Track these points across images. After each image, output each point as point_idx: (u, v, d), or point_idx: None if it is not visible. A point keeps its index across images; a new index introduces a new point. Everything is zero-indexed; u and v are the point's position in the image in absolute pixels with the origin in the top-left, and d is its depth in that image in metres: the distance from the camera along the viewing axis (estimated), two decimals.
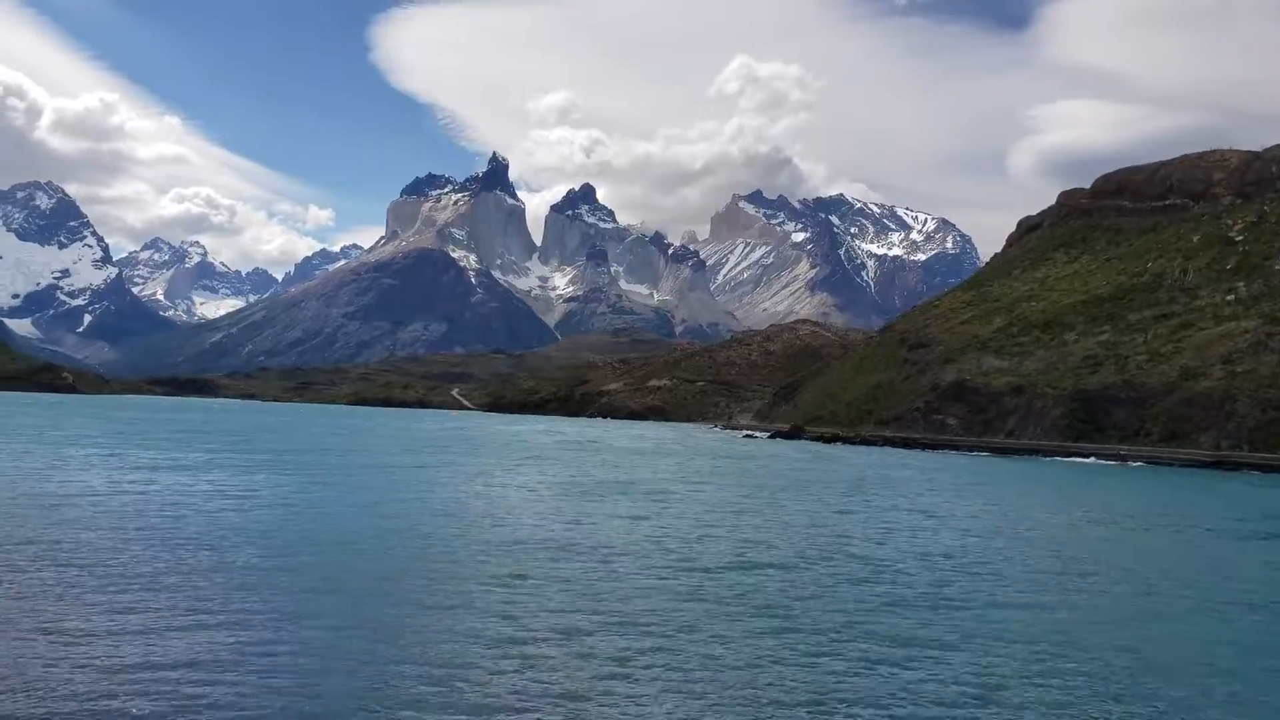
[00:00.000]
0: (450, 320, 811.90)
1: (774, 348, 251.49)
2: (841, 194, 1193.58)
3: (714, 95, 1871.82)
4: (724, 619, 17.39)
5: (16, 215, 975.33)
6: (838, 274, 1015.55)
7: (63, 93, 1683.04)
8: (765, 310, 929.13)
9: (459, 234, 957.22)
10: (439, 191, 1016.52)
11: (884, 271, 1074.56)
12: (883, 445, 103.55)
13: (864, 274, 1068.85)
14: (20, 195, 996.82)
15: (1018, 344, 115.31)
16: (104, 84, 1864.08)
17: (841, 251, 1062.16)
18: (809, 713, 12.62)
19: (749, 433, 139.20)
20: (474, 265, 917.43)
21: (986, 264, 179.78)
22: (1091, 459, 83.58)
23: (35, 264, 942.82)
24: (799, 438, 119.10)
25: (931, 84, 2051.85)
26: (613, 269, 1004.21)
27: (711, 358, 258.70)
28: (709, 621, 17.09)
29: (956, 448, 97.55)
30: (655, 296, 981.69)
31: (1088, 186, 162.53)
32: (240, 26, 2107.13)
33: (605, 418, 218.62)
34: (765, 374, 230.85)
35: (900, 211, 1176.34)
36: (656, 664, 14.45)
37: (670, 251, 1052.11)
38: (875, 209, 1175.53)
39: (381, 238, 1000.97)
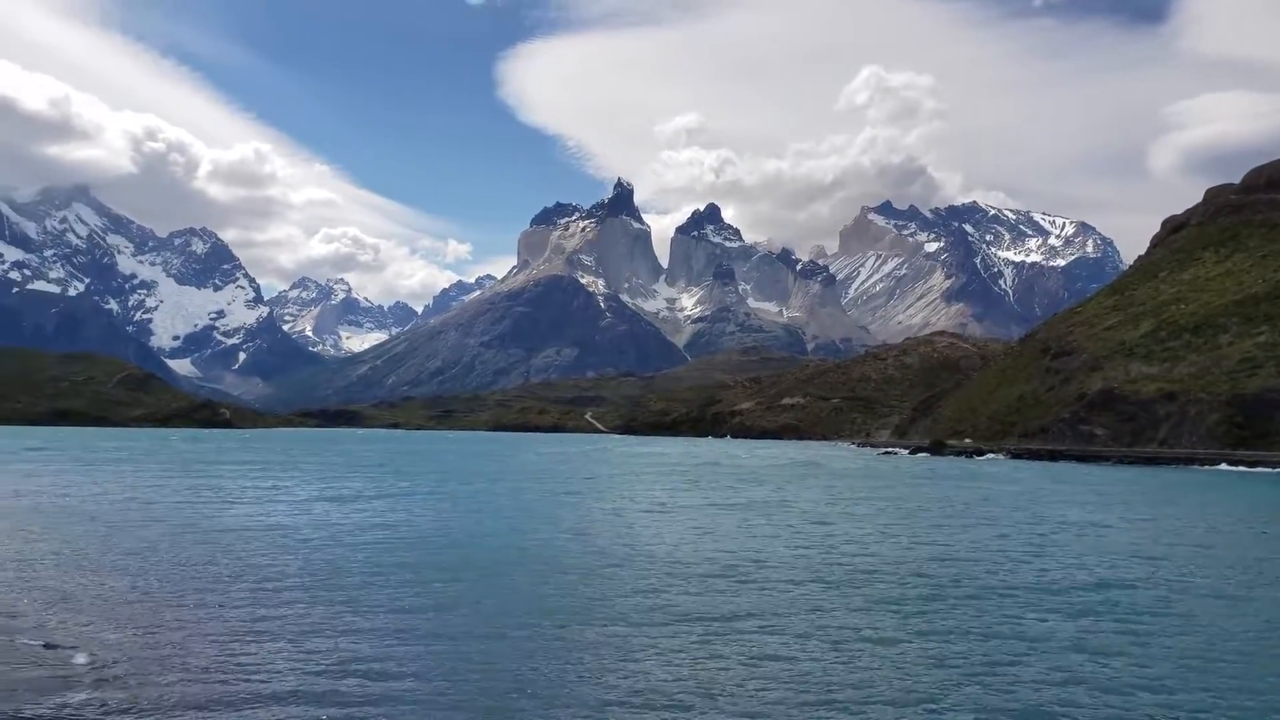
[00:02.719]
0: (581, 345, 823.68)
1: (910, 361, 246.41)
2: (975, 201, 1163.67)
3: (843, 108, 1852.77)
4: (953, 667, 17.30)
5: (175, 261, 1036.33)
6: (974, 283, 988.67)
7: (218, 144, 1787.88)
8: (900, 323, 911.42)
9: (587, 260, 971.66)
10: (567, 219, 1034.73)
11: (1022, 279, 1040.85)
12: (1029, 458, 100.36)
13: (1001, 282, 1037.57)
14: (178, 242, 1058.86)
15: (1168, 348, 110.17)
16: (256, 135, 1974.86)
17: (977, 260, 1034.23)
18: None
19: (888, 449, 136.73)
20: (602, 290, 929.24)
21: (1131, 267, 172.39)
22: (1261, 467, 79.14)
23: (193, 306, 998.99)
24: (940, 453, 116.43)
25: (1066, 85, 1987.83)
26: (740, 288, 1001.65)
27: (845, 373, 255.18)
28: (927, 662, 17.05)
29: (1106, 458, 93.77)
30: (785, 313, 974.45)
31: (1236, 181, 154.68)
32: (377, 75, 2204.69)
33: (738, 437, 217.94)
34: (902, 389, 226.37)
35: (1037, 216, 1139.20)
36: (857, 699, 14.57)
37: (799, 267, 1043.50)
38: (1010, 215, 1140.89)
39: (513, 267, 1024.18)
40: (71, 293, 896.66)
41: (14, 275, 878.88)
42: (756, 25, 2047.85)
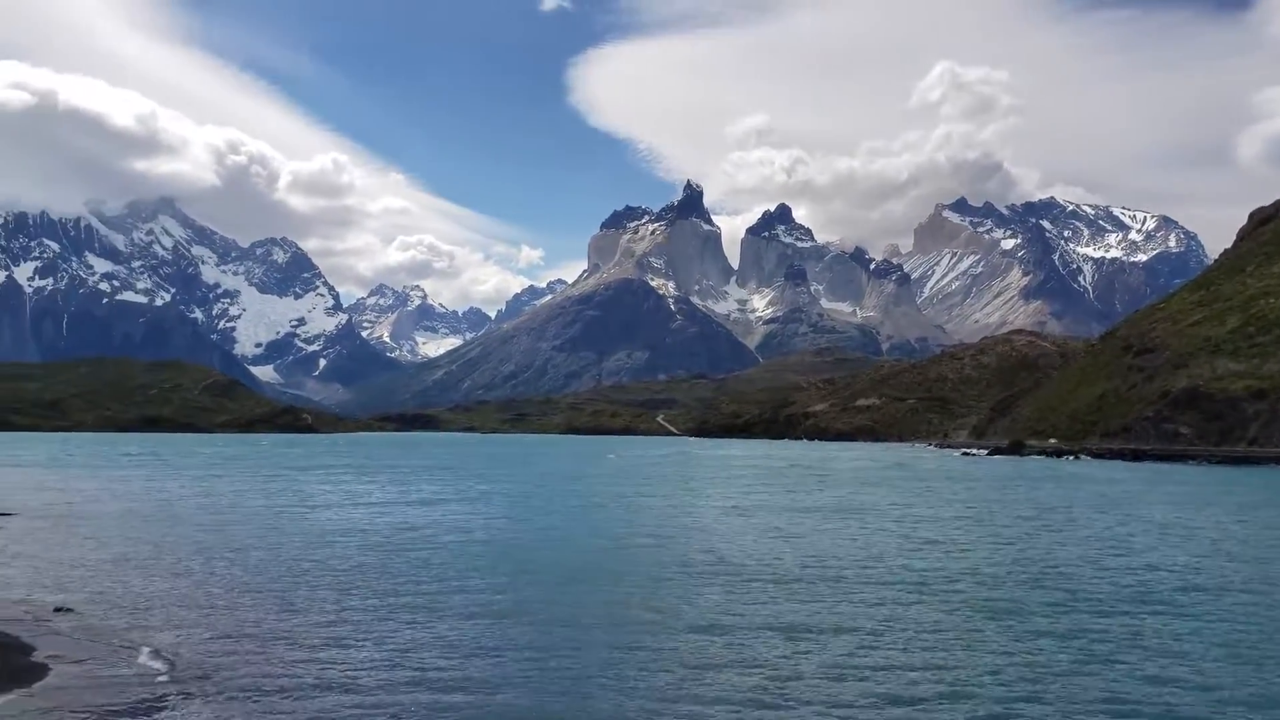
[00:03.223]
0: (652, 348, 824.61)
1: (988, 360, 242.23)
2: (1052, 197, 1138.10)
3: (916, 105, 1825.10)
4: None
5: (257, 270, 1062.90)
6: (1052, 280, 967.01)
7: (298, 156, 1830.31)
8: (976, 322, 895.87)
9: (657, 263, 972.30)
10: (636, 223, 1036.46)
11: (1102, 275, 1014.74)
12: (1111, 458, 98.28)
13: (1080, 279, 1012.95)
14: (259, 251, 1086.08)
15: (1256, 345, 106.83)
16: (334, 146, 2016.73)
17: (1055, 257, 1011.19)
18: None
19: (966, 450, 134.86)
20: (673, 292, 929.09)
21: (1216, 261, 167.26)
22: None
23: (274, 314, 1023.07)
24: (1020, 453, 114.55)
25: (1146, 75, 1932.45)
26: (813, 288, 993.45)
27: (921, 374, 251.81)
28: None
29: (1192, 458, 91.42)
30: (858, 313, 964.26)
31: None
32: (450, 85, 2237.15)
33: (812, 439, 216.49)
34: (980, 388, 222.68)
35: (1117, 211, 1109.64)
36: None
37: (872, 267, 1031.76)
38: (1089, 210, 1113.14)
39: (584, 271, 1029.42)
40: (158, 303, 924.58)
41: (104, 286, 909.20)
42: (827, 23, 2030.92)
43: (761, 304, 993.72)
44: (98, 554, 27.65)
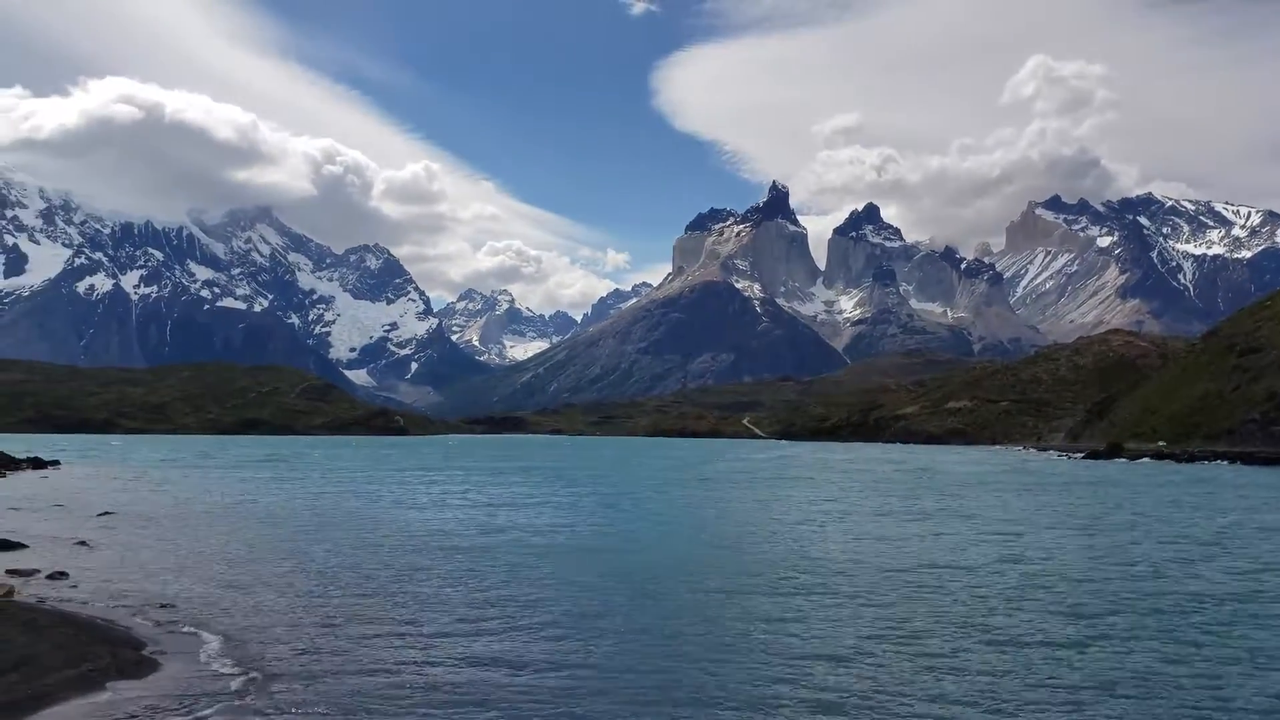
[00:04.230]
0: (738, 350, 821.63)
1: (1084, 361, 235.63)
2: (1150, 193, 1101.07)
3: (1008, 101, 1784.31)
4: None
5: (351, 276, 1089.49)
6: (1151, 278, 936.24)
7: (391, 165, 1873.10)
8: (1072, 322, 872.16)
9: (742, 264, 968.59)
10: (721, 224, 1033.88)
11: (1204, 273, 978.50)
12: (1215, 461, 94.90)
13: (1181, 277, 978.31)
14: (353, 258, 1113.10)
15: None
16: (426, 154, 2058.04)
17: (1154, 254, 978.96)
18: None
19: (1061, 453, 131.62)
20: (758, 294, 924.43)
21: None
22: None
23: (368, 319, 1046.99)
24: (1119, 457, 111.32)
25: (1249, 67, 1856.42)
26: (902, 288, 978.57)
27: (1015, 375, 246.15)
28: None
29: None
30: (949, 314, 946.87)
31: None
32: (537, 92, 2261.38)
33: (901, 442, 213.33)
34: (1075, 390, 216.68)
35: (1219, 207, 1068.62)
36: None
37: (963, 266, 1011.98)
38: (1190, 206, 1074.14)
39: (669, 274, 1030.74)
40: (257, 309, 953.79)
41: (205, 294, 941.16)
42: (915, 20, 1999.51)
43: (849, 305, 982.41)
44: (200, 552, 28.85)
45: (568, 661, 16.07)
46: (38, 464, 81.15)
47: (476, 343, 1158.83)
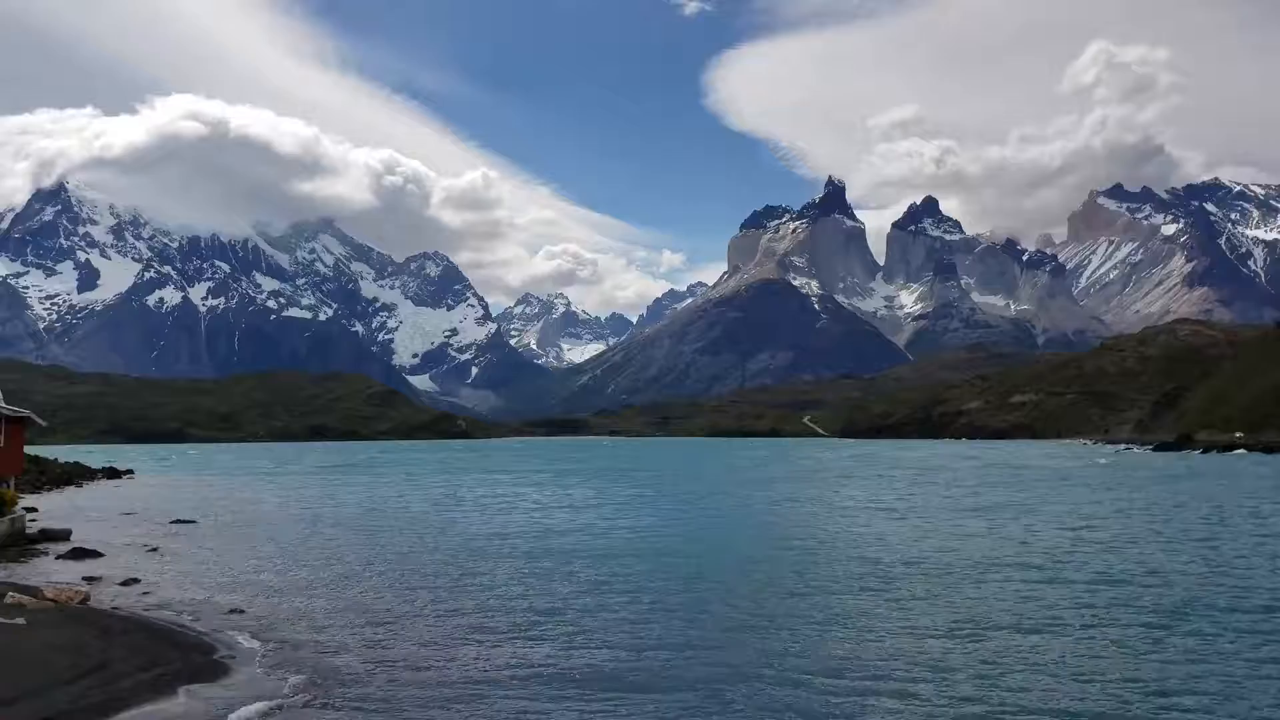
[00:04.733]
0: (796, 348, 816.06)
1: (1151, 352, 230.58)
2: (1216, 178, 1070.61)
3: (1068, 89, 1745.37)
4: None
5: (411, 284, 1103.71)
6: (1219, 266, 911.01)
7: (449, 173, 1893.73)
8: (1137, 312, 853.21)
9: (799, 261, 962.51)
10: (776, 222, 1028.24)
11: (1275, 259, 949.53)
12: None
13: (1251, 263, 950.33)
14: (413, 266, 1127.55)
15: None
16: (483, 161, 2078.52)
17: (1221, 241, 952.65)
18: None
19: (1128, 445, 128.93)
20: (816, 291, 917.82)
21: None
22: None
23: (429, 325, 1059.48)
24: (1191, 448, 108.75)
25: None
26: (963, 282, 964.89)
27: (1079, 367, 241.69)
28: None
29: None
30: (1012, 307, 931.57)
31: None
32: (590, 95, 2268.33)
33: (966, 438, 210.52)
34: (1143, 381, 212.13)
35: None
36: None
37: (1025, 258, 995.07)
38: (1259, 190, 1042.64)
39: (724, 273, 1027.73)
40: (322, 317, 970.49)
41: (271, 304, 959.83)
42: (972, 9, 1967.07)
43: (909, 300, 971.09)
44: (268, 557, 29.56)
45: (637, 664, 16.25)
46: (112, 473, 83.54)
47: (534, 346, 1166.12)
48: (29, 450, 66.08)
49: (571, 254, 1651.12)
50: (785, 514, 42.87)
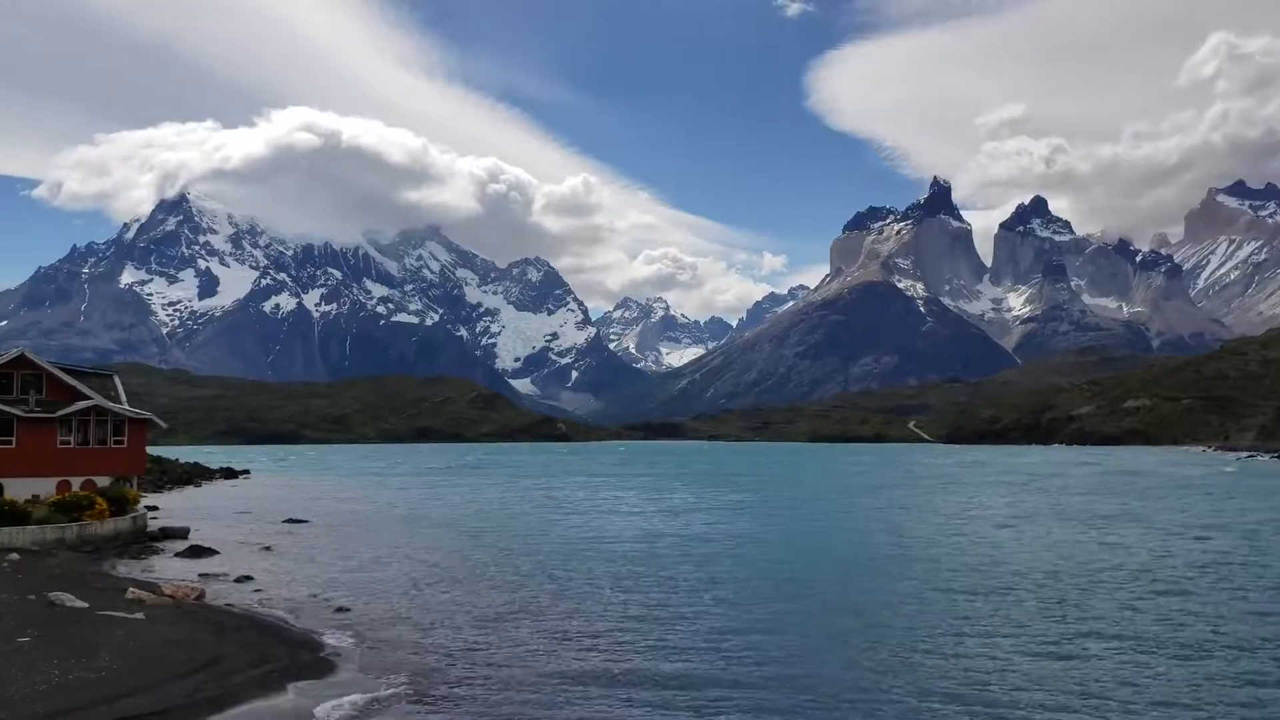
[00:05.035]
0: (901, 352, 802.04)
1: (1275, 355, 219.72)
2: None
3: (1186, 83, 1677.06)
4: None
5: (514, 289, 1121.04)
6: None
7: (550, 180, 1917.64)
8: (1260, 314, 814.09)
9: (903, 263, 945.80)
10: (880, 223, 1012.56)
11: None
12: None
13: None
14: (515, 271, 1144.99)
15: None
16: (584, 168, 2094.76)
17: None
18: None
19: (1250, 453, 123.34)
20: (921, 293, 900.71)
21: None
22: None
23: (530, 330, 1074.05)
24: None
25: None
26: (1073, 283, 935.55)
27: (1197, 371, 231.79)
28: None
29: None
30: (1125, 309, 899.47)
31: None
32: (690, 99, 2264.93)
33: (1077, 444, 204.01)
34: (1266, 386, 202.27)
35: None
36: None
37: (1139, 259, 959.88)
38: None
39: (826, 276, 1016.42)
40: (428, 322, 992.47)
41: (380, 309, 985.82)
42: (1082, 3, 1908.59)
43: (1018, 302, 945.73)
44: (376, 557, 30.45)
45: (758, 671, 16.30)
46: (229, 474, 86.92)
47: (633, 350, 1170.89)
48: (151, 450, 69.27)
49: (671, 258, 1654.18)
50: (894, 521, 42.27)
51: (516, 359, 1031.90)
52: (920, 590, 23.47)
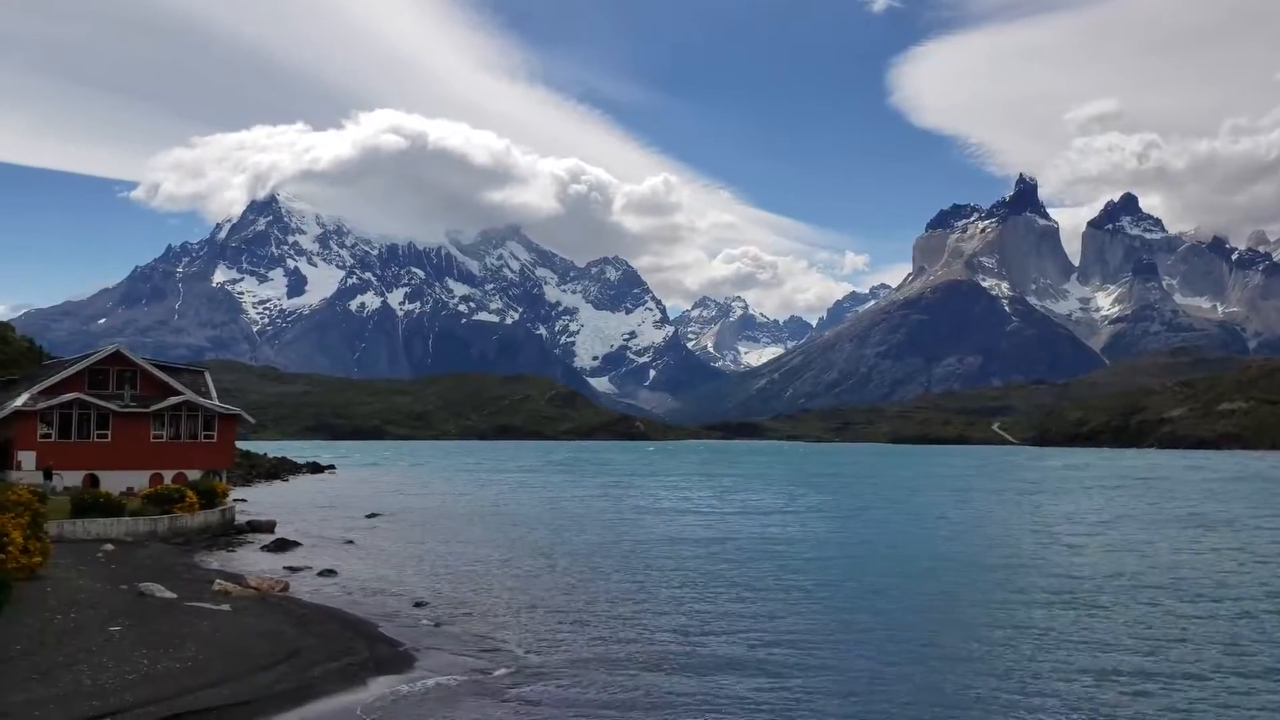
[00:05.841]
0: (985, 352, 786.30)
1: None
2: None
3: None
4: None
5: (592, 288, 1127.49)
6: None
7: (630, 180, 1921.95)
8: None
9: (988, 262, 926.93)
10: (964, 221, 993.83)
11: None
12: None
13: None
14: (594, 271, 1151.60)
15: None
16: (664, 167, 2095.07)
17: None
18: None
19: None
20: (1006, 293, 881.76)
21: None
22: None
23: (608, 329, 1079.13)
24: None
25: None
26: (1165, 282, 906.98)
27: None
28: None
29: None
30: (1219, 309, 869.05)
31: None
32: (770, 98, 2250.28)
33: (1169, 448, 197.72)
34: None
35: None
36: None
37: (1235, 257, 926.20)
38: None
39: (909, 275, 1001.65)
40: (508, 321, 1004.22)
41: (462, 308, 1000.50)
42: None
43: (1107, 302, 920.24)
44: (456, 553, 30.78)
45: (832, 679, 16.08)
46: (315, 468, 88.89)
47: (711, 349, 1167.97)
48: (240, 445, 71.13)
49: (751, 257, 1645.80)
50: (983, 526, 41.43)
51: (595, 358, 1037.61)
52: (1009, 597, 22.86)
